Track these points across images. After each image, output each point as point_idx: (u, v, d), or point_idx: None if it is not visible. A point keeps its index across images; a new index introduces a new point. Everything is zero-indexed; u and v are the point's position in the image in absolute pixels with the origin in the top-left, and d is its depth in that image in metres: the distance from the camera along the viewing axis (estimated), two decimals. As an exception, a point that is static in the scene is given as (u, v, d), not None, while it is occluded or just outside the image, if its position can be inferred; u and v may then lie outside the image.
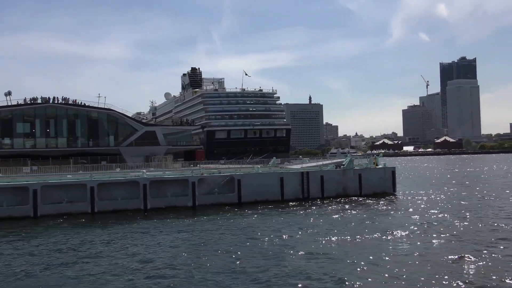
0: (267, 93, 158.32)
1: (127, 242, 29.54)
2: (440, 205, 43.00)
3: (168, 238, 30.66)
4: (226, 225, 34.84)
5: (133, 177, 45.27)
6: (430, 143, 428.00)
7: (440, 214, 37.57)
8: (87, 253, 26.69)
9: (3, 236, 32.59)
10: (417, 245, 26.13)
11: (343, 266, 21.94)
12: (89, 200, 42.42)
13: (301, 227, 32.93)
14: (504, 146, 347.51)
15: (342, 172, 50.42)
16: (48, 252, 27.23)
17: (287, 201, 47.17)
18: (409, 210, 40.42)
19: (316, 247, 25.98)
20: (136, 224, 36.82)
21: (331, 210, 41.49)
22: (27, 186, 41.06)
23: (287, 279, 20.08)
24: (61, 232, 33.87)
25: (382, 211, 40.11)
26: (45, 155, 74.67)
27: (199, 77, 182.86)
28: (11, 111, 79.17)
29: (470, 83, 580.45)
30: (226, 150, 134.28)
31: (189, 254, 25.62)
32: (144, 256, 25.48)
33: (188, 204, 45.17)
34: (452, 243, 26.58)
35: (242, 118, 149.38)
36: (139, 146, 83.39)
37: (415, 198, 48.79)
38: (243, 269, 21.93)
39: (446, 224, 32.61)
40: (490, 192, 54.42)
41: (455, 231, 30.02)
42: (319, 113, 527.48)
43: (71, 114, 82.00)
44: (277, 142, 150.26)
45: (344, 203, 45.24)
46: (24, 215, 40.26)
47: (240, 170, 49.88)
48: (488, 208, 40.90)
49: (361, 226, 32.72)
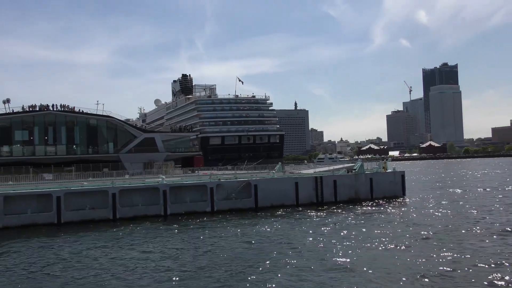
0: (260, 99, 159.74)
1: (164, 246, 30.26)
2: (453, 209, 44.43)
3: (204, 242, 31.44)
4: (258, 232, 35.67)
5: (153, 184, 45.80)
6: (415, 148, 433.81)
7: (454, 218, 38.86)
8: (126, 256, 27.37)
9: (45, 241, 33.05)
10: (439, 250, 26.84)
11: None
12: (111, 207, 42.86)
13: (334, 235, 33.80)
14: (488, 150, 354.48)
15: (354, 176, 51.63)
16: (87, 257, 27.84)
17: (301, 205, 48.11)
18: (422, 214, 41.56)
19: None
20: (170, 229, 37.45)
21: (352, 215, 42.58)
22: (51, 193, 41.36)
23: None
24: (93, 237, 34.41)
25: (399, 216, 41.31)
26: (44, 163, 74.59)
27: (191, 84, 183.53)
28: (9, 118, 78.83)
29: (452, 89, 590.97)
30: (220, 156, 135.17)
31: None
32: (178, 259, 26.25)
33: (207, 210, 45.84)
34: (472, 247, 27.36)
35: (236, 124, 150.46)
36: (139, 153, 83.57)
37: (425, 202, 50.08)
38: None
39: (464, 228, 33.89)
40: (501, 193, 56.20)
41: (473, 235, 31.28)
42: (304, 119, 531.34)
43: (70, 121, 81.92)
44: (271, 148, 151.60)
45: (358, 208, 46.40)
46: (48, 222, 40.54)
47: (256, 176, 50.70)
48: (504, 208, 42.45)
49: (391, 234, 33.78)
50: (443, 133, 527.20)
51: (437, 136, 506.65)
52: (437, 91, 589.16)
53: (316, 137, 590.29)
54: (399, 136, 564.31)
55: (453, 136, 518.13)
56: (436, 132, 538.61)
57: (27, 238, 34.50)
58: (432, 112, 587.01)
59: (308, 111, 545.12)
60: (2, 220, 39.27)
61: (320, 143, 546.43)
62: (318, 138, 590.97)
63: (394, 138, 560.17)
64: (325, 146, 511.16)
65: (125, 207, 43.57)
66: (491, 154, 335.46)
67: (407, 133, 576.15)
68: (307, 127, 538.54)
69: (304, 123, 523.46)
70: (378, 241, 29.00)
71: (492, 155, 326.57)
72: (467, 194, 57.78)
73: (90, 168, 69.35)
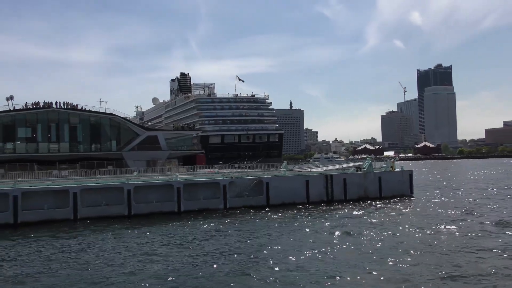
0: (259, 98, 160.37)
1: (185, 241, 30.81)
2: (461, 206, 45.28)
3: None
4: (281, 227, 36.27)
5: (167, 181, 46.26)
6: (409, 148, 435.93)
7: (462, 215, 39.74)
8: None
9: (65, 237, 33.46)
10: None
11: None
12: (126, 203, 43.29)
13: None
14: (482, 151, 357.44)
15: (363, 175, 52.35)
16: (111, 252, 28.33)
17: (312, 203, 48.71)
18: (431, 212, 42.36)
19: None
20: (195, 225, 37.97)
21: (363, 213, 43.29)
22: (68, 189, 41.76)
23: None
24: (114, 233, 34.88)
25: (411, 214, 42.09)
26: (48, 160, 74.80)
27: (189, 82, 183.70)
28: (13, 115, 78.92)
29: (447, 90, 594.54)
30: (220, 155, 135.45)
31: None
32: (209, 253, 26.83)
33: (220, 207, 46.38)
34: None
35: (236, 123, 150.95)
36: (142, 151, 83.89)
37: (433, 200, 50.91)
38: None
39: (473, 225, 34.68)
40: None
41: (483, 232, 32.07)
42: (300, 118, 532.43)
43: (73, 119, 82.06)
44: (270, 147, 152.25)
45: (368, 206, 47.15)
46: (64, 217, 40.93)
47: (268, 174, 51.32)
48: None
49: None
50: (437, 134, 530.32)
51: (431, 137, 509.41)
52: (431, 92, 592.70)
53: (310, 137, 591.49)
54: (394, 136, 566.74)
55: (446, 137, 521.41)
56: (430, 133, 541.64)
57: (97, 230, 34.90)
58: (426, 113, 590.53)
59: (303, 111, 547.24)
60: (20, 215, 39.60)
61: (315, 143, 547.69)
62: (313, 138, 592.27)
63: (388, 138, 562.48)
64: (319, 146, 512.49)
65: (140, 203, 44.01)
66: (485, 155, 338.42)
67: (402, 134, 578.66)
68: (302, 127, 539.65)
69: (299, 123, 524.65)
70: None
71: (486, 156, 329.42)
72: (474, 193, 58.80)
73: (95, 165, 69.56)
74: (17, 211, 39.50)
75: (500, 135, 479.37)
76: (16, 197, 39.59)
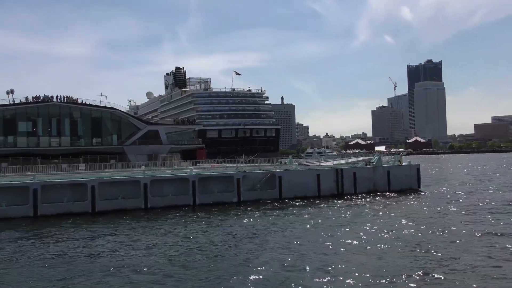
0: (256, 93, 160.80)
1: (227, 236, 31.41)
2: (469, 200, 46.38)
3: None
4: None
5: (182, 174, 46.72)
6: (400, 143, 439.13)
7: (472, 207, 40.75)
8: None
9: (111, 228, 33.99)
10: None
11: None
12: (142, 196, 43.72)
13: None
14: (472, 146, 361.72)
15: (372, 169, 53.24)
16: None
17: (323, 197, 49.49)
18: (441, 204, 43.35)
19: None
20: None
21: (374, 207, 44.18)
22: (86, 182, 42.06)
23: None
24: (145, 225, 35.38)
25: (420, 207, 43.07)
26: (49, 154, 74.80)
27: (184, 77, 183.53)
28: (14, 109, 78.70)
29: (437, 85, 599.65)
30: (217, 150, 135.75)
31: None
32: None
33: (234, 200, 46.96)
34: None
35: (233, 117, 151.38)
36: (143, 145, 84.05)
37: (441, 194, 51.98)
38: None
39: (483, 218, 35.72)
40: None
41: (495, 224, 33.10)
42: (291, 113, 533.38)
43: (74, 113, 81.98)
44: (267, 141, 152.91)
45: (381, 199, 48.08)
46: (83, 210, 41.28)
47: (280, 167, 51.99)
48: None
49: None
50: (427, 129, 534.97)
51: (421, 132, 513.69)
52: (421, 87, 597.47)
53: (302, 131, 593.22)
54: (384, 131, 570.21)
55: (436, 132, 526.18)
56: (420, 128, 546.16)
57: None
58: (416, 108, 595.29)
59: (294, 105, 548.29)
60: (40, 208, 39.88)
61: (306, 138, 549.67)
62: (304, 132, 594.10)
63: (379, 133, 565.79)
64: (311, 140, 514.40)
65: (156, 197, 44.45)
66: (475, 150, 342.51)
67: (392, 129, 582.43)
68: (294, 122, 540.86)
69: (290, 118, 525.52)
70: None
71: (476, 151, 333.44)
72: (479, 186, 60.06)
73: (98, 159, 69.68)
74: (37, 204, 39.79)
75: (488, 130, 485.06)
76: (36, 190, 39.87)
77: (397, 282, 19.48)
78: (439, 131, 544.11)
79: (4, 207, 38.76)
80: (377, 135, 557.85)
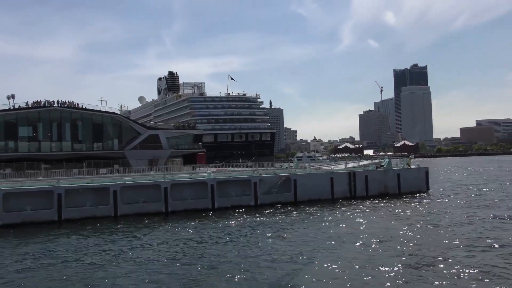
0: (251, 97, 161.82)
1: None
2: (478, 202, 47.71)
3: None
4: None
5: (201, 178, 47.29)
6: (387, 147, 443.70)
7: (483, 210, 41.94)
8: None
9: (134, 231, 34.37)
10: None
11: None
12: (163, 200, 44.18)
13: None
14: (459, 149, 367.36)
15: (383, 172, 54.36)
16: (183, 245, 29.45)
17: (336, 199, 50.40)
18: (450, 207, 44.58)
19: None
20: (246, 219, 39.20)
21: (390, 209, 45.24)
22: (108, 186, 42.44)
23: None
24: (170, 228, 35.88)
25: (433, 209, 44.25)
26: (49, 159, 74.73)
27: (177, 81, 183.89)
28: (15, 114, 78.60)
29: (423, 89, 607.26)
30: (213, 154, 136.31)
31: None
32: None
33: (251, 203, 47.60)
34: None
35: (228, 122, 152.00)
36: (143, 150, 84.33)
37: (450, 196, 53.24)
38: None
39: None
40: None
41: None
42: (279, 117, 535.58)
43: (75, 118, 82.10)
44: (262, 146, 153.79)
45: (395, 201, 49.19)
46: (105, 214, 41.62)
47: (295, 171, 52.82)
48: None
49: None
50: (413, 133, 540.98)
51: (408, 136, 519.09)
52: (408, 91, 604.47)
53: (290, 135, 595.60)
54: (371, 135, 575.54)
55: (423, 136, 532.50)
56: (407, 132, 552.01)
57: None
58: (403, 112, 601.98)
59: (283, 110, 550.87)
60: (64, 212, 40.16)
61: (294, 142, 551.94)
62: (292, 136, 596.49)
63: (366, 137, 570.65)
64: (299, 144, 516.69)
65: (176, 200, 44.95)
66: (462, 153, 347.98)
67: (379, 132, 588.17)
68: (282, 126, 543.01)
69: (279, 122, 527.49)
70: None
71: (463, 154, 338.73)
72: (485, 188, 61.60)
73: (101, 164, 69.95)
74: (61, 208, 40.05)
75: (474, 134, 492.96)
76: (60, 194, 40.15)
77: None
78: (426, 134, 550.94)
79: (29, 212, 38.98)
80: (364, 139, 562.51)
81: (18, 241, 32.06)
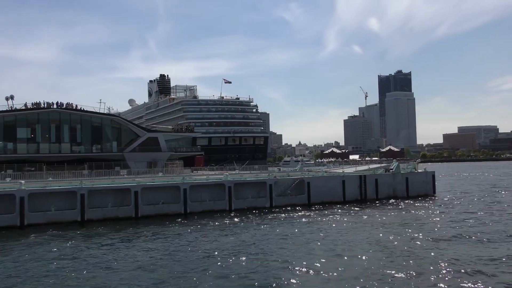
0: (244, 101, 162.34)
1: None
2: (483, 204, 49.15)
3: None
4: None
5: (219, 180, 47.81)
6: (372, 152, 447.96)
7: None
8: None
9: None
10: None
11: None
12: (182, 202, 44.62)
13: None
14: (444, 155, 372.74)
15: (392, 175, 55.55)
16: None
17: (348, 202, 51.39)
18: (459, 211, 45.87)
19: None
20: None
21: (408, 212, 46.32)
22: (129, 188, 42.75)
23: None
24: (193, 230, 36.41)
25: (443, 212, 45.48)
26: (48, 161, 74.38)
27: (169, 84, 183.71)
28: (14, 115, 78.07)
29: (407, 95, 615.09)
30: (207, 157, 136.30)
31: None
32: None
33: (266, 205, 48.34)
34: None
35: (222, 125, 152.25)
36: (143, 152, 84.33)
37: (456, 199, 54.61)
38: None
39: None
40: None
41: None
42: (266, 122, 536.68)
43: (74, 120, 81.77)
44: (256, 149, 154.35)
45: (406, 205, 50.35)
46: (127, 215, 41.94)
47: (309, 174, 53.66)
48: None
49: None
50: (398, 138, 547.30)
51: (392, 141, 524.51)
52: (392, 97, 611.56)
53: (275, 140, 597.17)
54: (356, 140, 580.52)
55: (407, 141, 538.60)
56: (391, 137, 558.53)
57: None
58: (387, 118, 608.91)
59: (269, 114, 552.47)
60: (87, 213, 40.35)
61: (280, 146, 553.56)
62: (277, 141, 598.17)
63: (351, 142, 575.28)
64: (284, 149, 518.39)
65: (195, 202, 45.43)
66: (446, 159, 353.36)
67: (364, 138, 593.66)
68: (268, 130, 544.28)
69: (265, 126, 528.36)
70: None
71: (447, 160, 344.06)
72: (489, 191, 63.29)
73: (102, 166, 69.89)
74: (84, 209, 40.25)
75: (456, 140, 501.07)
76: (83, 195, 40.35)
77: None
78: (410, 140, 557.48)
79: (53, 212, 39.10)
80: (349, 144, 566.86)
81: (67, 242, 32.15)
